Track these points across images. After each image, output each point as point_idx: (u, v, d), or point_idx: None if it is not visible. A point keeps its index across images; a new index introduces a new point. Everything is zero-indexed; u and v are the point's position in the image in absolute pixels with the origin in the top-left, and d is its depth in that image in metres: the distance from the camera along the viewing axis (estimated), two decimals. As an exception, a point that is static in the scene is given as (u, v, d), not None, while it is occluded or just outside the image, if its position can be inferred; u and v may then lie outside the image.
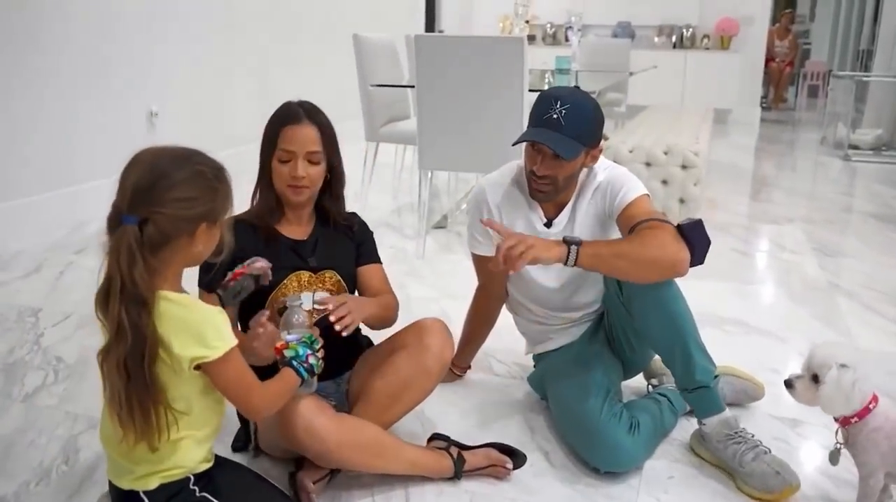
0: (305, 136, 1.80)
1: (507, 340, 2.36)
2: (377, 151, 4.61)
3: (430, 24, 9.13)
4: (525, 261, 1.68)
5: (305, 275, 1.85)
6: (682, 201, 3.99)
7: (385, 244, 3.76)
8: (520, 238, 1.71)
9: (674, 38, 9.31)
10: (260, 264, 1.68)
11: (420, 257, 3.58)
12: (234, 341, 1.38)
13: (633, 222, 1.82)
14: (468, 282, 2.29)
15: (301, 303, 1.64)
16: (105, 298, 1.31)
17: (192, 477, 1.45)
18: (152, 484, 1.41)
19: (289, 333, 1.59)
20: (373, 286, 1.97)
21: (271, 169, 1.82)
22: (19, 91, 3.70)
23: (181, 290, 1.40)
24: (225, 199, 1.40)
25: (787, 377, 1.67)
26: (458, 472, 1.81)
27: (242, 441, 1.93)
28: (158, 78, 4.62)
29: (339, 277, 1.90)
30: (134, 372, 1.31)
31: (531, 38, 9.91)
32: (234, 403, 1.46)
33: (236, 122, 5.28)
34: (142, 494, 1.42)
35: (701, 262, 1.77)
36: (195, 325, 1.34)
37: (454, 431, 1.98)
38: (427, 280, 3.29)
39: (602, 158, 2.02)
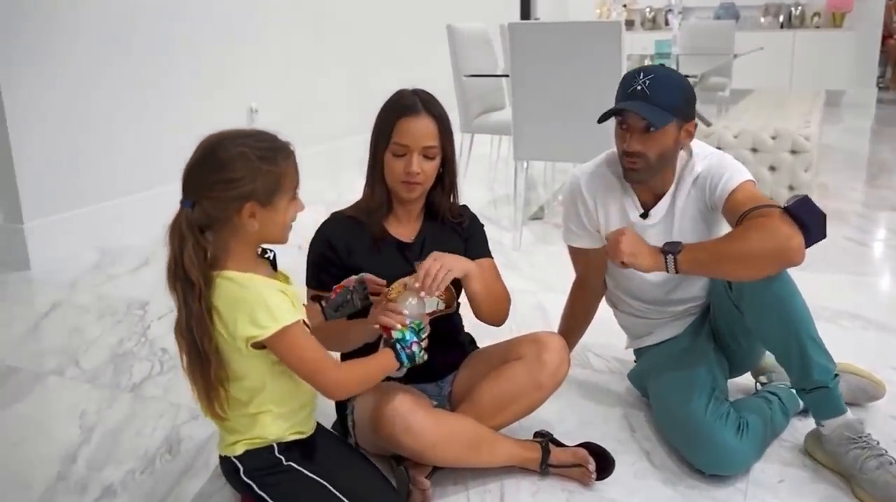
0: (422, 130, 1.72)
1: (605, 334, 2.28)
2: (472, 142, 4.59)
3: (526, 12, 9.02)
4: (622, 253, 1.70)
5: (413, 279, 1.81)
6: (791, 188, 3.79)
7: (481, 236, 3.72)
8: (627, 231, 1.73)
9: (781, 18, 8.89)
10: (359, 277, 1.67)
11: (517, 249, 3.53)
12: (290, 319, 1.39)
13: (738, 213, 1.72)
14: (566, 275, 2.23)
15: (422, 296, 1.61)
16: (168, 276, 1.39)
17: (276, 446, 1.49)
18: (238, 450, 1.49)
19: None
20: None
21: (383, 162, 1.76)
22: (129, 89, 3.85)
23: (253, 269, 1.42)
24: (274, 179, 1.40)
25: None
26: (543, 463, 1.77)
27: (340, 433, 1.94)
28: (258, 74, 4.72)
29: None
30: (191, 346, 1.39)
31: (629, 24, 9.67)
32: (305, 381, 1.46)
33: (333, 116, 5.36)
34: (233, 459, 1.50)
35: (821, 238, 1.63)
36: (249, 304, 1.37)
37: (551, 428, 1.94)
38: (524, 272, 3.24)
39: (703, 145, 1.93)
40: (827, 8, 8.62)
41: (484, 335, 2.03)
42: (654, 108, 1.74)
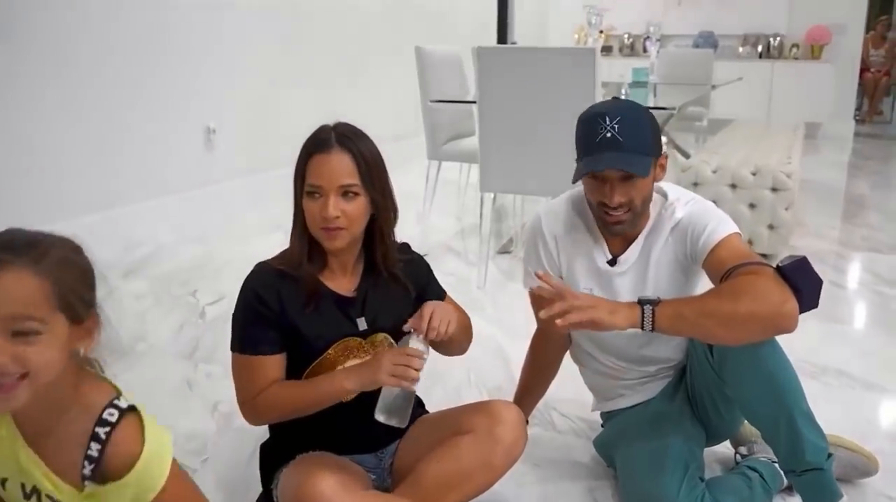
0: (336, 167, 1.49)
1: (572, 389, 2.06)
2: (440, 170, 4.38)
3: (503, 36, 8.88)
4: (578, 324, 1.45)
5: (354, 341, 1.58)
6: (771, 227, 3.62)
7: (445, 270, 3.50)
8: (577, 298, 1.47)
9: (760, 48, 8.81)
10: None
11: (481, 287, 3.31)
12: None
13: (723, 269, 1.52)
14: (531, 318, 2.00)
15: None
16: None
17: None
18: None
19: None
20: None
21: (303, 209, 1.53)
22: (68, 108, 3.60)
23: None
24: None
25: None
26: None
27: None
28: (216, 92, 4.49)
29: (391, 340, 1.63)
30: None
31: (608, 50, 9.56)
32: None
33: (296, 138, 5.12)
34: None
35: (813, 307, 1.44)
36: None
37: (507, 497, 1.72)
38: (486, 313, 3.02)
39: (681, 190, 1.74)
40: (806, 39, 8.56)
41: (435, 386, 1.80)
42: (633, 155, 1.55)
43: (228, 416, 2.19)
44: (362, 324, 1.59)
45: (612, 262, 1.73)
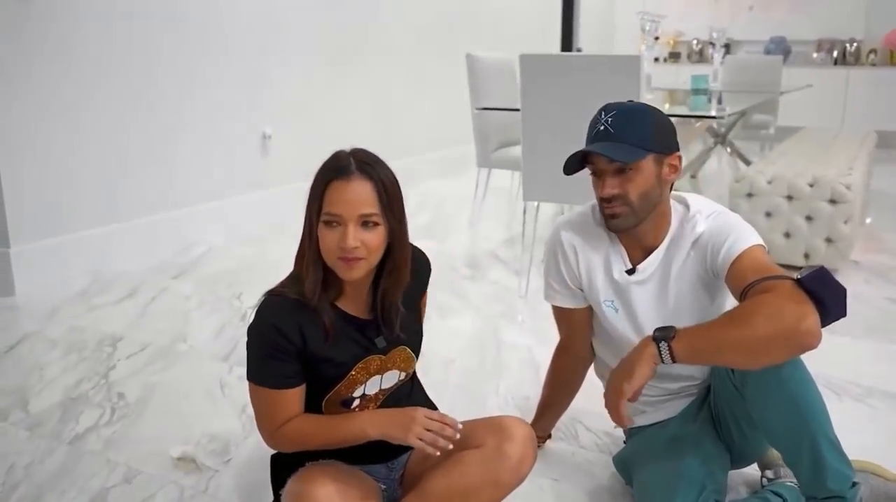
0: (357, 194, 1.42)
1: (601, 404, 2.00)
2: (489, 177, 4.36)
3: (568, 43, 8.80)
4: (623, 406, 1.51)
5: (375, 360, 1.56)
6: (829, 240, 3.48)
7: (488, 279, 3.49)
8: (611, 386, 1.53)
9: (835, 54, 8.51)
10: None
11: (522, 296, 3.28)
12: None
13: (743, 284, 1.47)
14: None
15: None
16: None
17: None
18: None
19: None
20: None
21: (318, 236, 1.47)
22: (131, 112, 3.72)
23: None
24: None
25: None
26: None
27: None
28: (273, 99, 4.58)
29: (409, 351, 1.62)
30: None
31: (675, 57, 9.39)
32: None
33: (352, 145, 5.18)
34: None
35: (841, 316, 1.37)
36: None
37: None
38: (524, 324, 2.98)
39: (707, 201, 1.69)
40: (884, 44, 8.22)
41: (462, 394, 1.78)
42: (620, 144, 1.54)
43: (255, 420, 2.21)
44: (381, 342, 1.56)
45: (632, 272, 1.69)
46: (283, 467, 1.64)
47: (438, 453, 1.43)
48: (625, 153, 1.55)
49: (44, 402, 2.32)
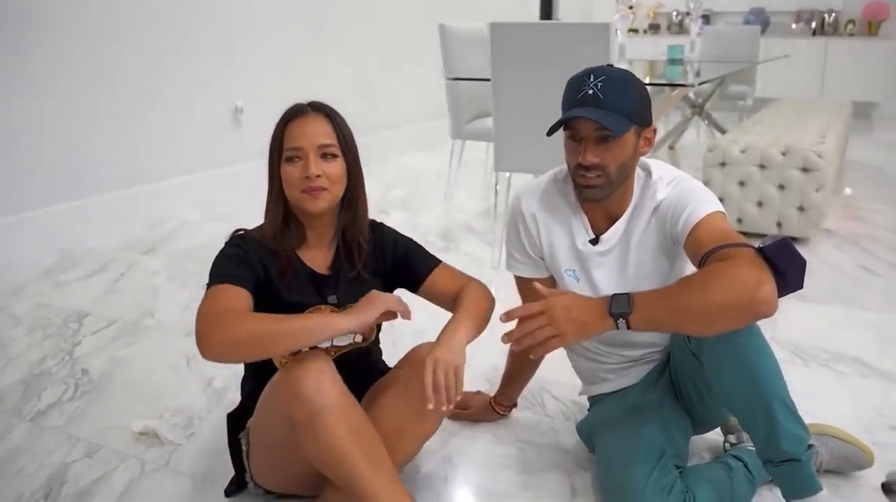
0: (314, 128, 1.52)
1: (570, 373, 1.99)
2: (463, 149, 4.33)
3: (547, 13, 8.73)
4: (550, 349, 1.44)
5: (326, 309, 1.57)
6: (801, 209, 3.48)
7: (461, 250, 3.47)
8: (548, 309, 1.42)
9: (813, 25, 8.49)
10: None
11: (495, 267, 3.26)
12: None
13: (701, 251, 1.45)
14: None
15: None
16: None
17: None
18: None
19: None
20: (447, 288, 1.68)
21: (280, 180, 1.54)
22: (101, 87, 3.65)
23: None
24: None
25: (886, 478, 1.26)
26: None
27: (235, 472, 1.69)
28: (245, 71, 4.51)
29: None
30: None
31: (655, 28, 9.35)
32: None
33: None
34: None
35: (797, 288, 1.36)
36: None
37: (480, 483, 1.70)
38: (497, 295, 2.95)
39: (668, 167, 1.67)
40: (863, 15, 8.21)
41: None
42: (610, 113, 1.49)
43: (221, 392, 2.20)
44: (332, 300, 1.59)
45: (595, 241, 1.67)
46: (242, 422, 1.62)
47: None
48: (615, 122, 1.50)
49: (6, 379, 2.29)
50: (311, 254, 1.59)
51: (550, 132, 1.60)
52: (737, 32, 6.68)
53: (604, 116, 1.50)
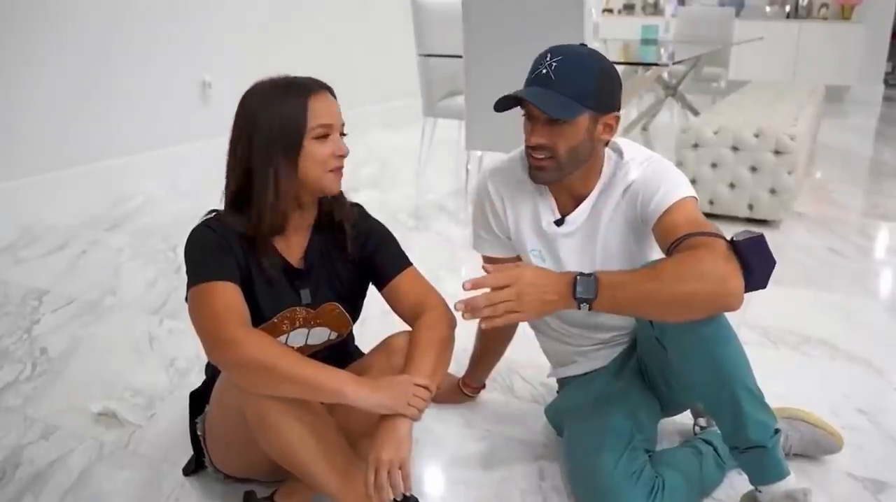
0: (335, 106, 1.46)
1: (538, 354, 1.96)
2: (435, 127, 4.28)
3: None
4: (508, 322, 1.38)
5: (302, 312, 1.50)
6: (773, 191, 3.48)
7: (432, 230, 3.43)
8: (515, 283, 1.36)
9: (787, 8, 8.51)
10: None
11: (465, 247, 3.22)
12: None
13: (671, 236, 1.41)
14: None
15: None
16: None
17: None
18: None
19: None
20: (409, 297, 1.57)
21: (296, 159, 1.40)
22: (64, 61, 3.54)
23: None
24: None
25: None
26: None
27: (194, 464, 1.66)
28: (212, 45, 4.41)
29: (341, 309, 1.56)
30: None
31: (629, 9, 9.31)
32: None
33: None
34: None
35: (760, 287, 1.34)
36: None
37: (447, 466, 1.67)
38: (465, 274, 2.94)
39: (639, 148, 1.62)
40: (836, -1, 8.25)
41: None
42: (557, 96, 1.43)
43: (184, 373, 2.15)
44: (306, 296, 1.52)
45: (560, 222, 1.63)
46: (204, 402, 1.58)
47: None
48: (557, 106, 1.44)
49: (-39, 358, 2.22)
50: (285, 244, 1.51)
51: (498, 109, 1.54)
52: (711, 14, 6.67)
53: (545, 98, 1.44)
